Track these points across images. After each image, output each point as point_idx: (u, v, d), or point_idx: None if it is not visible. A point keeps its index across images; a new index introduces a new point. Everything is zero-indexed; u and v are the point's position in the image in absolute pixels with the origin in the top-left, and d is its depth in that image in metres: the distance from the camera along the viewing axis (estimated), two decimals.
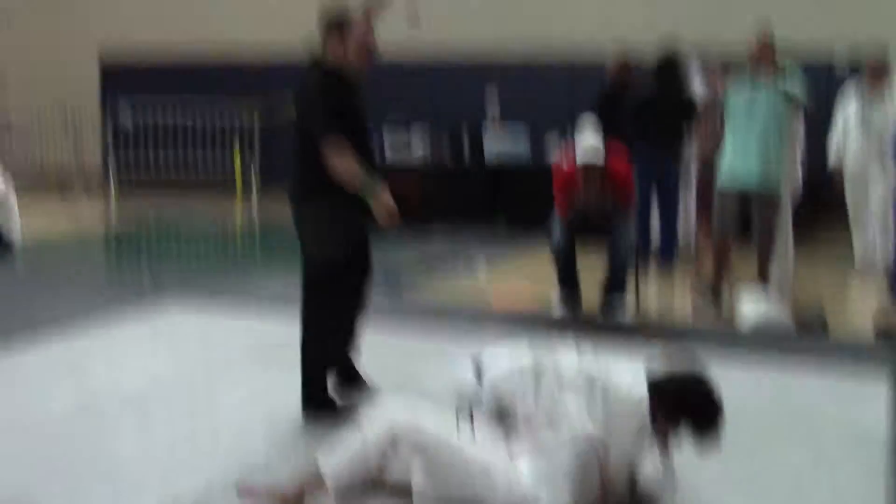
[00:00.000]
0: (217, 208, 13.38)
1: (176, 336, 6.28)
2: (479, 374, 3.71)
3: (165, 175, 14.61)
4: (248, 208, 13.90)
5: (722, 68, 8.00)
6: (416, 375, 5.18)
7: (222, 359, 5.68)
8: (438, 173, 11.11)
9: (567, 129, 10.22)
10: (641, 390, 3.51)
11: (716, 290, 7.16)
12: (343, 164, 4.26)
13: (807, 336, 6.40)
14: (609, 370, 3.58)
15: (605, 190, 6.77)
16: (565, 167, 6.95)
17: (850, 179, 8.66)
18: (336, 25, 4.40)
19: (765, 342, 6.18)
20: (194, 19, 15.12)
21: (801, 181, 8.33)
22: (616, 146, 6.94)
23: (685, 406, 3.51)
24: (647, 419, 3.48)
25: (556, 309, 6.94)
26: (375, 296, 6.31)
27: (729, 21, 11.54)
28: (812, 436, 4.43)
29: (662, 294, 7.92)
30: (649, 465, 3.58)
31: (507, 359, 3.74)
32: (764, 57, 7.06)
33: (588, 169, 6.67)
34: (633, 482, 3.57)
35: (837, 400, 5.02)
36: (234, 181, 14.54)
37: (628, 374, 3.59)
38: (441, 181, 11.00)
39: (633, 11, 12.59)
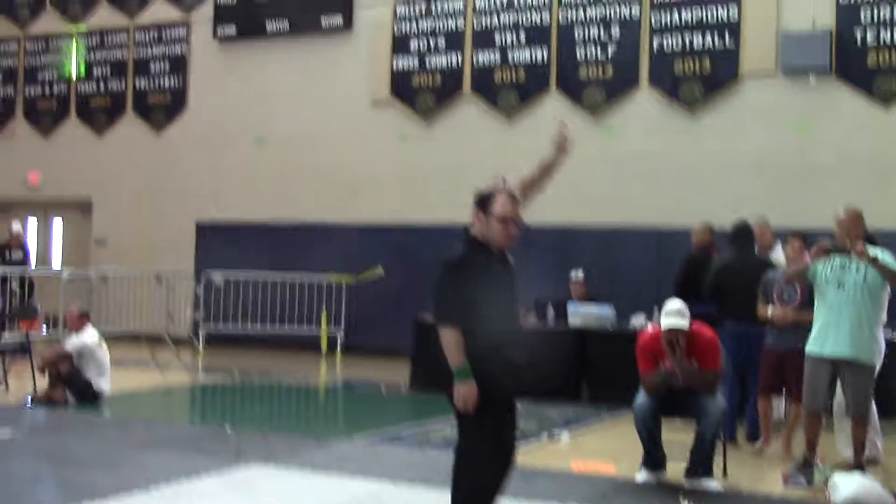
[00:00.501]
0: (303, 366, 13.53)
1: (256, 490, 6.26)
2: None
3: (254, 332, 14.90)
4: (333, 367, 14.04)
5: (803, 240, 7.95)
6: None
7: None
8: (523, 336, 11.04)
9: (653, 298, 10.19)
10: None
11: (808, 462, 6.93)
12: (445, 345, 4.49)
13: None
14: None
15: (691, 356, 6.68)
16: (650, 331, 6.90)
17: None
18: (480, 201, 4.72)
19: None
20: (283, 195, 15.75)
21: (884, 350, 8.11)
22: (700, 316, 6.90)
23: None
24: None
25: (641, 475, 6.78)
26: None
27: (813, 201, 11.64)
28: None
29: (752, 464, 7.68)
30: None
31: None
32: (852, 227, 7.02)
33: (672, 332, 6.61)
34: None
35: None
36: (321, 340, 14.76)
37: None
38: (525, 346, 10.89)
39: (717, 189, 12.71)
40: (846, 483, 6.38)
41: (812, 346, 7.08)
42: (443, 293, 4.54)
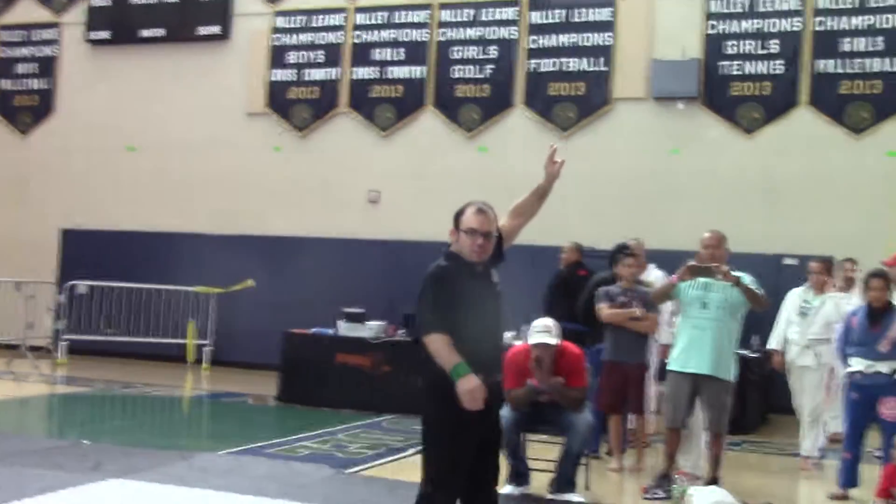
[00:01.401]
0: (168, 378, 13.20)
1: None
2: None
3: (118, 343, 14.52)
4: (200, 379, 13.76)
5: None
6: None
7: None
8: (391, 351, 11.08)
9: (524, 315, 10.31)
10: None
11: (667, 475, 7.11)
12: (435, 352, 4.43)
13: None
14: None
15: (558, 372, 6.78)
16: (518, 347, 6.97)
17: (789, 368, 8.77)
18: (455, 217, 4.71)
19: None
20: (154, 203, 15.44)
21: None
22: (568, 333, 7.01)
23: None
24: None
25: (506, 489, 6.82)
26: (323, 470, 6.13)
27: (678, 222, 12.00)
28: None
29: (614, 478, 7.82)
30: None
31: None
32: (716, 248, 7.23)
33: (540, 349, 6.69)
34: None
35: None
36: (187, 351, 14.49)
37: None
38: (393, 360, 10.97)
39: (587, 208, 12.97)
40: (703, 496, 6.56)
41: (674, 364, 7.28)
42: (424, 305, 4.51)
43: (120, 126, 15.69)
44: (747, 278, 7.13)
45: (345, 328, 11.35)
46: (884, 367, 7.27)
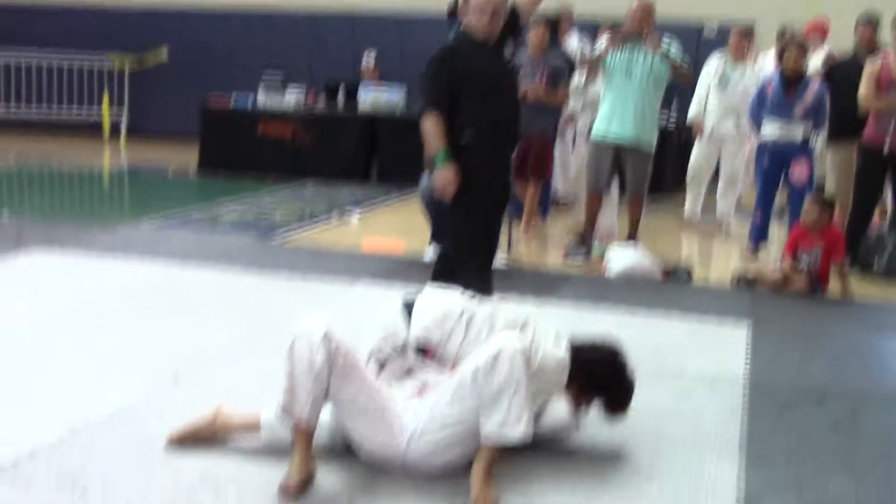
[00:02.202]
0: (85, 151, 12.95)
1: (40, 275, 6.03)
2: (408, 316, 3.59)
3: (29, 116, 14.11)
4: (118, 152, 13.53)
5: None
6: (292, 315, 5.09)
7: (92, 300, 5.45)
8: (312, 122, 11.00)
9: None
10: (563, 350, 3.47)
11: (586, 238, 7.31)
12: (425, 132, 4.53)
13: (672, 283, 6.60)
14: (534, 324, 3.54)
15: None
16: None
17: (705, 136, 8.87)
18: None
19: (632, 288, 6.35)
20: None
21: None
22: None
23: (601, 381, 3.47)
24: (564, 379, 3.42)
25: (430, 251, 6.95)
26: (247, 237, 6.14)
27: None
28: (675, 374, 4.55)
29: (535, 241, 8.02)
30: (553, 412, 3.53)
31: (437, 304, 3.58)
32: (644, 19, 7.17)
33: None
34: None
35: (699, 342, 5.17)
36: (103, 124, 14.16)
37: (552, 331, 3.54)
38: (315, 130, 10.90)
39: None
40: (621, 255, 6.79)
41: (596, 131, 7.36)
42: (424, 83, 4.57)
43: None
44: (674, 49, 7.14)
45: (265, 96, 11.18)
46: (797, 132, 7.46)
